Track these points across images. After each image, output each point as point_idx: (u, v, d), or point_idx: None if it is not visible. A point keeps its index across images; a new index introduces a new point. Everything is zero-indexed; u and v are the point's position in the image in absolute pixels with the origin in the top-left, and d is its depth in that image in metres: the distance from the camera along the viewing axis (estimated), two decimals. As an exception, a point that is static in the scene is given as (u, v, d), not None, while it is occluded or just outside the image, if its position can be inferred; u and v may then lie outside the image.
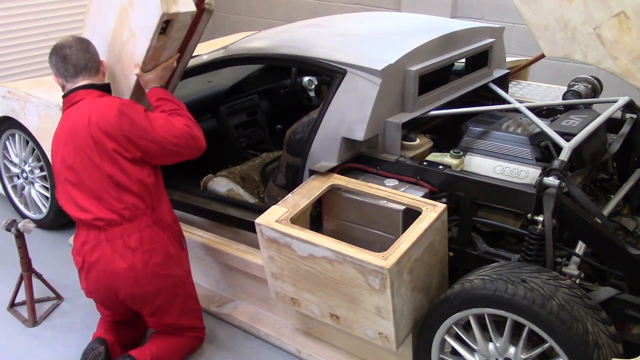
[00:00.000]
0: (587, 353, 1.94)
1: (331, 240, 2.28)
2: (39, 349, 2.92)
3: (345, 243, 2.26)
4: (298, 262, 2.36)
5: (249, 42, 3.15)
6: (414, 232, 2.24)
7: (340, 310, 2.36)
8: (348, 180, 2.56)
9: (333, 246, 2.24)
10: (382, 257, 2.14)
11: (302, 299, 2.46)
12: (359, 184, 2.53)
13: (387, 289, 2.13)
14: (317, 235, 2.31)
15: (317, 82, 4.02)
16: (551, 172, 2.28)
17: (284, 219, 2.39)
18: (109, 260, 2.48)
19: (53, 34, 5.49)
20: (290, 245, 2.35)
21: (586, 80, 3.19)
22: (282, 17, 6.37)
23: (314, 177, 2.60)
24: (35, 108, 3.60)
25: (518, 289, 2.04)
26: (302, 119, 2.94)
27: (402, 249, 2.17)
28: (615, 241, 2.25)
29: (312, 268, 2.33)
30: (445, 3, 5.33)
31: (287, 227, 2.36)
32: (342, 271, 2.24)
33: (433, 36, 2.94)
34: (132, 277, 2.49)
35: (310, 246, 2.28)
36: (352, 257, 2.18)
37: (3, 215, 3.69)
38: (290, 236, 2.33)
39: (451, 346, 2.34)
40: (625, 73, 2.88)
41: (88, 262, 2.52)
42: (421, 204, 2.38)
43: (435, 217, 2.31)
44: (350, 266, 2.20)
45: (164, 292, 2.59)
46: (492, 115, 2.90)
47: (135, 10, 2.51)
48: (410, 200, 2.41)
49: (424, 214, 2.33)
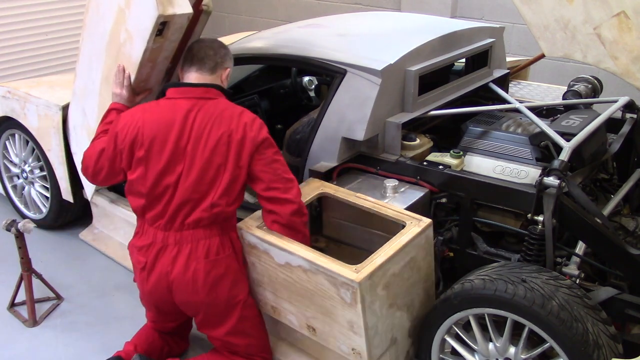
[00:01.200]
0: (587, 353, 1.94)
1: (306, 249, 2.22)
2: (39, 349, 2.92)
3: (320, 253, 2.19)
4: (276, 270, 2.32)
5: (249, 42, 3.15)
6: (392, 245, 2.16)
7: (316, 322, 2.30)
8: (337, 189, 2.52)
9: (307, 255, 2.17)
10: (355, 269, 2.07)
11: (282, 308, 2.42)
12: (347, 193, 2.48)
13: (358, 304, 2.06)
14: (294, 243, 2.25)
15: (317, 82, 4.02)
16: (551, 172, 2.28)
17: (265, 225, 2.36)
18: (173, 265, 2.38)
19: (53, 34, 5.49)
20: (268, 252, 2.30)
21: (586, 80, 3.19)
22: (282, 17, 6.37)
23: (305, 184, 2.57)
24: (35, 108, 3.59)
25: (518, 289, 2.04)
26: (302, 119, 2.94)
27: (376, 263, 2.10)
28: (615, 241, 2.26)
29: (289, 277, 2.27)
30: (445, 3, 5.33)
31: (266, 233, 2.31)
32: (316, 282, 2.18)
33: (433, 36, 2.95)
34: (192, 285, 2.38)
35: (286, 254, 2.23)
36: (325, 268, 2.11)
37: (3, 215, 3.69)
38: (269, 242, 2.27)
39: (451, 346, 2.34)
40: (625, 73, 2.88)
41: (151, 263, 2.42)
42: (405, 218, 2.31)
43: (417, 232, 2.23)
44: (323, 277, 2.14)
45: (220, 305, 2.45)
46: (492, 115, 2.90)
47: (131, 11, 2.50)
48: (395, 214, 2.33)
49: (406, 227, 2.25)
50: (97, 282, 3.36)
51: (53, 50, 5.54)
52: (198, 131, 2.30)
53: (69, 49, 5.52)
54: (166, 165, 2.31)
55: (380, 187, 2.53)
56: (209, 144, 2.29)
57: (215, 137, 2.29)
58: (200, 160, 2.29)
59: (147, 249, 2.41)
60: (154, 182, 2.33)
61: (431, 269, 2.37)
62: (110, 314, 3.14)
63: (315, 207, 2.63)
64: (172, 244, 2.38)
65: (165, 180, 2.33)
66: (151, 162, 2.32)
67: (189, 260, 2.36)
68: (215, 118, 2.31)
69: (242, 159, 2.30)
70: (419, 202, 2.48)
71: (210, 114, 2.32)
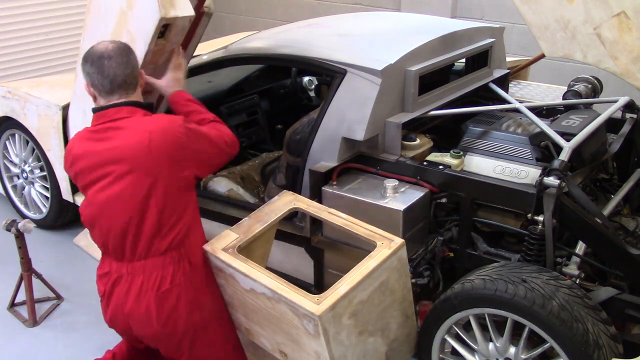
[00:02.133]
0: (588, 353, 1.94)
1: (269, 276, 2.10)
2: (39, 349, 2.92)
3: (283, 281, 2.08)
4: (244, 294, 2.22)
5: (249, 42, 3.15)
6: (359, 272, 2.04)
7: (286, 348, 2.23)
8: (310, 204, 2.44)
9: (270, 283, 2.07)
10: (316, 300, 1.97)
11: (254, 331, 2.35)
12: (320, 208, 2.39)
13: (321, 336, 1.98)
14: (258, 269, 2.13)
15: (317, 82, 4.02)
16: (551, 172, 2.28)
17: (231, 247, 2.24)
18: (126, 297, 2.27)
19: (53, 34, 5.49)
20: (234, 277, 2.20)
21: (586, 80, 3.19)
22: (282, 17, 6.37)
23: (278, 197, 2.48)
24: (35, 108, 3.59)
25: (518, 289, 2.04)
26: (302, 119, 2.94)
27: (340, 293, 1.98)
28: (615, 241, 2.26)
29: (256, 302, 2.18)
30: (445, 3, 5.33)
31: (230, 257, 2.19)
32: (280, 310, 2.09)
33: (433, 36, 2.94)
34: (146, 319, 2.26)
35: (250, 280, 2.12)
36: (286, 298, 2.01)
37: (3, 215, 3.69)
38: (233, 268, 2.17)
39: (451, 346, 2.34)
40: (625, 73, 2.88)
41: (109, 293, 2.32)
42: (377, 238, 2.18)
43: (387, 254, 2.10)
44: (285, 306, 2.05)
45: (178, 334, 2.32)
46: (492, 115, 2.90)
47: (134, 13, 2.50)
48: (367, 233, 2.23)
49: (375, 250, 2.13)
50: (97, 282, 3.36)
51: (53, 50, 5.54)
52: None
53: (69, 49, 5.52)
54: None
55: (380, 187, 2.53)
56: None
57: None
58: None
59: (105, 278, 2.32)
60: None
61: (407, 289, 2.26)
62: (110, 314, 3.13)
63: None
64: (125, 275, 2.27)
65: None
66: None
67: (140, 294, 2.24)
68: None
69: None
70: (419, 202, 2.48)
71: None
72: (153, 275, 2.24)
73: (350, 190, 2.56)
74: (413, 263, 2.49)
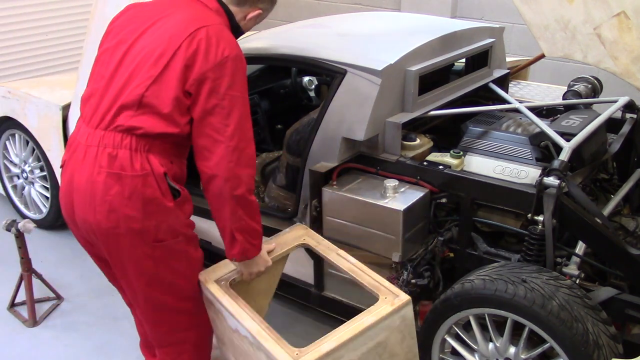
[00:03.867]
0: (587, 353, 1.94)
1: (254, 319, 1.90)
2: (39, 349, 2.92)
3: (267, 326, 1.88)
4: (231, 334, 2.04)
5: (249, 42, 3.15)
6: (351, 327, 1.80)
7: None
8: (320, 241, 2.28)
9: (252, 327, 1.88)
10: (295, 355, 1.77)
11: None
12: (328, 248, 2.19)
13: None
14: (244, 309, 1.94)
15: (317, 82, 4.02)
16: (551, 172, 2.28)
17: (225, 279, 2.08)
18: (76, 171, 2.04)
19: (53, 34, 5.49)
20: (222, 313, 2.03)
21: (586, 80, 3.19)
22: (282, 17, 6.37)
23: (288, 231, 2.32)
24: (35, 108, 3.59)
25: (518, 289, 2.04)
26: (302, 119, 2.94)
27: (322, 350, 1.76)
28: (615, 241, 2.25)
29: (241, 344, 2.00)
30: (445, 3, 5.33)
31: (220, 291, 2.02)
32: (258, 358, 1.91)
33: (433, 36, 2.94)
34: (89, 198, 2.01)
35: (234, 320, 1.95)
36: (265, 348, 1.83)
37: (3, 215, 3.69)
38: (221, 303, 2.00)
39: (451, 346, 2.34)
40: (625, 73, 2.88)
41: (66, 161, 2.12)
42: (381, 291, 1.94)
43: (389, 311, 1.86)
44: (264, 356, 1.86)
45: (125, 241, 2.02)
46: (492, 115, 2.90)
47: None
48: (371, 282, 2.00)
49: (376, 305, 1.89)
50: (97, 282, 3.36)
51: (53, 50, 5.54)
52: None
53: (69, 49, 5.52)
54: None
55: (380, 187, 2.53)
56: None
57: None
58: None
59: (70, 143, 2.13)
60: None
61: (413, 354, 2.02)
62: (110, 314, 3.14)
63: (316, 207, 2.63)
64: (83, 144, 2.06)
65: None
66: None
67: (92, 166, 2.01)
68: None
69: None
70: (419, 202, 2.48)
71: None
72: (107, 150, 2.04)
73: (350, 190, 2.56)
74: (413, 263, 2.49)
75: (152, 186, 2.01)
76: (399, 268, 2.49)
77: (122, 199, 1.98)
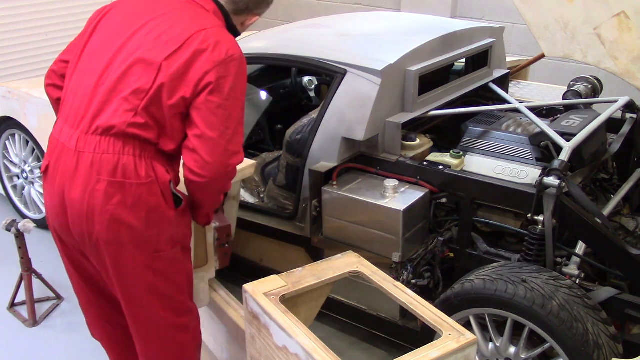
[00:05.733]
0: (587, 353, 1.94)
1: (309, 336, 1.79)
2: (39, 349, 2.92)
3: (322, 345, 1.76)
4: (274, 352, 1.93)
5: (249, 42, 3.15)
6: (414, 358, 1.72)
7: None
8: (374, 271, 2.11)
9: (307, 344, 1.75)
10: None
11: None
12: (384, 279, 2.06)
13: None
14: (298, 325, 1.84)
15: (317, 82, 4.02)
16: (551, 172, 2.28)
17: (274, 294, 1.98)
18: (68, 180, 1.91)
19: (53, 34, 5.48)
20: (268, 328, 1.92)
21: (586, 80, 3.19)
22: (282, 17, 6.37)
23: (341, 257, 2.19)
24: (35, 108, 3.59)
25: (518, 289, 2.04)
26: (302, 119, 2.94)
27: None
28: (615, 241, 2.25)
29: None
30: (445, 3, 5.33)
31: (271, 304, 1.92)
32: None
33: (433, 36, 2.94)
34: (88, 210, 1.88)
35: (285, 336, 1.83)
36: None
37: (3, 215, 3.69)
38: (270, 316, 1.89)
39: (451, 346, 2.33)
40: (625, 73, 2.88)
41: (50, 167, 1.98)
42: (445, 327, 1.83)
43: (454, 348, 1.75)
44: None
45: (126, 252, 1.92)
46: (492, 115, 2.90)
47: None
48: (432, 317, 1.88)
49: (440, 340, 1.79)
50: (97, 282, 3.37)
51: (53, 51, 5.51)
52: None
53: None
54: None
55: (380, 187, 2.53)
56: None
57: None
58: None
59: (53, 146, 2.01)
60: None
61: None
62: (110, 314, 3.13)
63: (316, 207, 2.63)
64: (72, 149, 1.92)
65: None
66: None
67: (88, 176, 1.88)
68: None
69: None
70: (418, 202, 2.48)
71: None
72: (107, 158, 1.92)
73: (350, 190, 2.56)
74: (413, 263, 2.49)
75: (157, 194, 1.91)
76: (399, 268, 2.49)
77: (124, 208, 1.87)
